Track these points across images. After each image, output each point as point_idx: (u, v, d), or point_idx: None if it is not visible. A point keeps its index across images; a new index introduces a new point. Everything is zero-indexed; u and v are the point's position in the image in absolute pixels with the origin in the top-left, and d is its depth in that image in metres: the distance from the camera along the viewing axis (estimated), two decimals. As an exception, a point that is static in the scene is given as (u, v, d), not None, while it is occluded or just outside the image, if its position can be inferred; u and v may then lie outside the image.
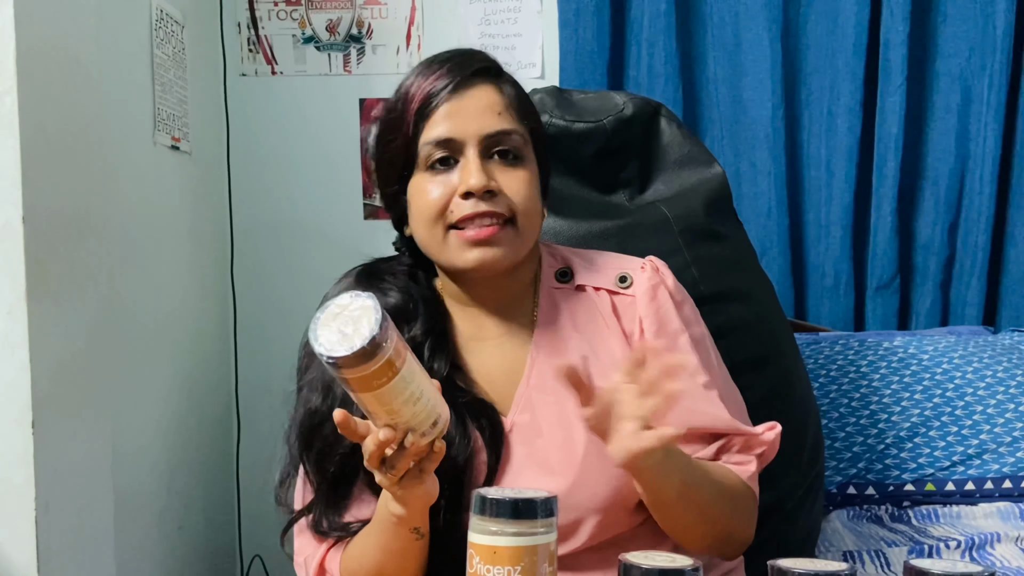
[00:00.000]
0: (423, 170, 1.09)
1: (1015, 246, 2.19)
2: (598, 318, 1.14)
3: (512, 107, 1.10)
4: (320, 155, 2.32)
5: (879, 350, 1.96)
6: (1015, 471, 1.79)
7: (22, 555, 1.28)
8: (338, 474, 1.08)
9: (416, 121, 1.08)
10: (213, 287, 2.27)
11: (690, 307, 1.17)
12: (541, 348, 1.13)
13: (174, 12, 2.04)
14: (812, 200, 2.24)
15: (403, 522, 0.97)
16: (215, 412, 2.25)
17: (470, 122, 1.07)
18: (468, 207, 1.05)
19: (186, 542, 2.04)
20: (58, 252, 1.35)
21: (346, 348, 0.79)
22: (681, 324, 1.13)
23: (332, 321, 0.81)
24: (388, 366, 0.81)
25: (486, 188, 1.05)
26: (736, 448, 1.11)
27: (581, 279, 1.16)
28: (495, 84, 1.10)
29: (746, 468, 1.09)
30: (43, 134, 1.32)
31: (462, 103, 1.07)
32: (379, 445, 0.88)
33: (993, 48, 2.15)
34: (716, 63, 2.23)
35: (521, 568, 0.71)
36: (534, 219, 1.11)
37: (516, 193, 1.07)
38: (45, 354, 1.31)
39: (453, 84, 1.07)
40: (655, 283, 1.14)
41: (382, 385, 0.82)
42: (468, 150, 1.07)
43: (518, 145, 1.09)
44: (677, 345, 1.12)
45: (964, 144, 2.20)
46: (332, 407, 1.07)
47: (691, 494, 1.01)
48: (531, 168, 1.11)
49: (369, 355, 0.80)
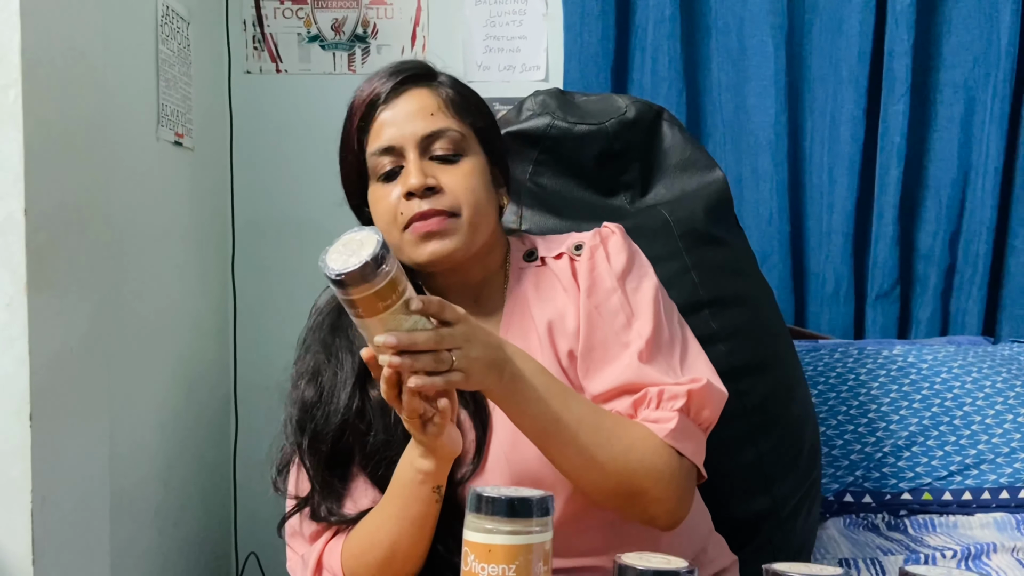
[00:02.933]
0: (375, 180, 1.15)
1: (1016, 257, 2.19)
2: (557, 285, 1.18)
3: (447, 106, 1.14)
4: (322, 154, 2.29)
5: (878, 358, 1.96)
6: (1012, 482, 1.79)
7: (17, 548, 1.28)
8: (331, 456, 1.11)
9: (359, 137, 1.15)
10: (214, 283, 2.27)
11: (637, 265, 1.18)
12: (510, 324, 1.17)
13: (180, 8, 2.04)
14: (813, 207, 2.25)
15: (429, 478, 1.01)
16: (213, 409, 2.25)
17: (405, 126, 1.13)
18: (414, 206, 1.11)
19: (181, 538, 2.03)
20: (59, 246, 1.36)
21: (351, 265, 0.86)
22: (615, 283, 1.15)
23: (339, 248, 0.89)
24: (392, 287, 0.88)
25: (424, 186, 1.10)
26: (653, 403, 1.08)
27: (542, 253, 1.21)
28: (428, 87, 1.16)
29: (663, 426, 1.06)
30: (46, 128, 1.33)
31: (396, 111, 1.14)
32: (392, 368, 0.91)
33: (997, 59, 2.15)
34: (720, 69, 2.24)
35: (516, 567, 0.71)
36: (484, 209, 1.14)
37: (457, 186, 1.12)
38: (44, 347, 1.31)
39: (385, 94, 1.14)
40: (594, 245, 1.18)
41: (387, 308, 0.89)
42: (408, 153, 1.12)
43: (456, 141, 1.14)
44: (608, 304, 1.14)
45: (966, 154, 2.20)
46: (322, 392, 1.13)
47: (562, 433, 1.01)
48: (474, 161, 1.15)
49: (373, 270, 0.87)
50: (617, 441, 1.04)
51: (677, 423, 1.06)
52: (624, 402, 1.09)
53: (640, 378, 1.09)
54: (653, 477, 1.04)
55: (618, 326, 1.13)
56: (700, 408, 1.09)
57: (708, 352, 1.18)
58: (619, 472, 1.03)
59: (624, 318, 1.13)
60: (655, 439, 1.06)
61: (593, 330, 1.13)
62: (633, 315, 1.14)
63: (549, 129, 1.55)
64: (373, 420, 1.11)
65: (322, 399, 1.13)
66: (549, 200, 1.53)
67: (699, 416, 1.09)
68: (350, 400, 1.11)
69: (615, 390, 1.10)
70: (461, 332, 0.94)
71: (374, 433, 1.11)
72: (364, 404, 1.11)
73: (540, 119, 1.56)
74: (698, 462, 1.09)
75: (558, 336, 1.15)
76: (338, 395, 1.12)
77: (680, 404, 1.07)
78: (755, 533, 1.47)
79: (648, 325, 1.12)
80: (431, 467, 1.00)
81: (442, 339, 0.92)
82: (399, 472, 1.05)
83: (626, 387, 1.10)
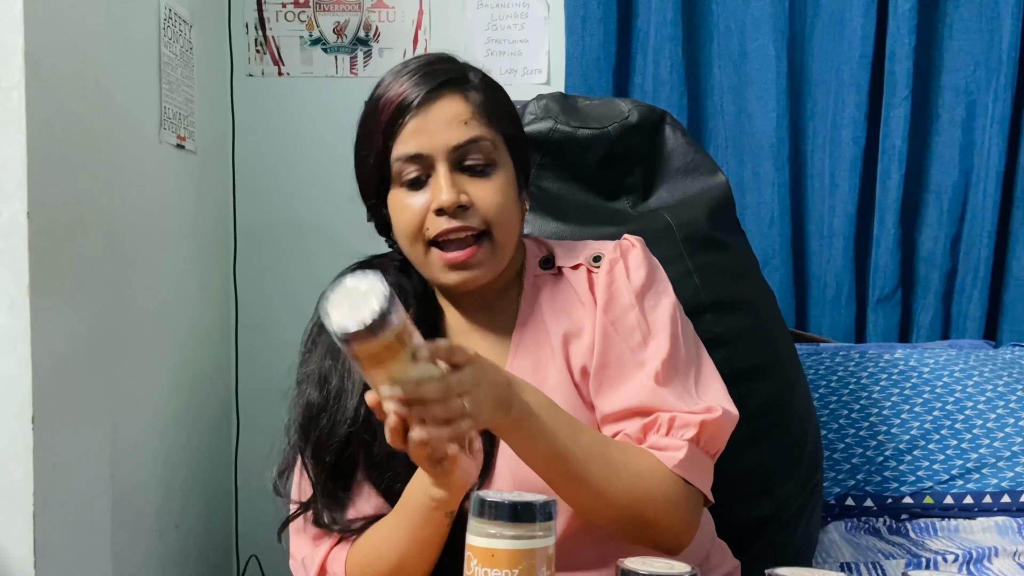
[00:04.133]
0: (398, 185, 1.12)
1: (1017, 260, 2.19)
2: (574, 297, 1.15)
3: (479, 113, 1.11)
4: (324, 157, 2.32)
5: (880, 362, 1.96)
6: (1014, 486, 1.79)
7: (19, 550, 1.28)
8: (335, 465, 1.09)
9: (385, 139, 1.10)
10: (215, 286, 2.27)
11: (656, 281, 1.15)
12: (523, 336, 1.15)
13: (182, 11, 2.05)
14: (815, 211, 2.25)
15: (442, 505, 0.99)
16: (215, 411, 2.25)
17: (437, 136, 1.08)
18: (442, 223, 1.08)
19: (183, 540, 2.03)
20: (62, 248, 1.36)
21: (356, 323, 0.82)
22: (633, 300, 1.12)
23: (342, 299, 0.84)
24: (399, 340, 0.84)
25: (457, 204, 1.07)
26: (663, 429, 1.05)
27: (560, 262, 1.18)
28: (461, 93, 1.11)
29: (672, 455, 1.03)
30: (49, 130, 1.33)
31: (428, 117, 1.09)
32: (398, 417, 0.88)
33: (999, 62, 2.15)
34: (722, 72, 2.24)
35: (519, 571, 0.71)
36: (510, 226, 1.12)
37: (490, 205, 1.09)
38: (47, 349, 1.31)
39: (418, 99, 1.09)
40: (614, 258, 1.15)
41: (393, 358, 0.85)
42: (438, 165, 1.09)
43: (488, 151, 1.10)
44: (625, 321, 1.11)
45: (968, 157, 2.20)
46: (328, 399, 1.11)
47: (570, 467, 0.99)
48: (505, 173, 1.12)
49: (378, 328, 0.82)
50: (625, 473, 1.01)
51: (686, 454, 1.03)
52: (634, 424, 1.07)
53: (654, 401, 1.07)
54: (660, 507, 1.03)
55: (634, 344, 1.10)
56: (711, 438, 1.06)
57: (710, 356, 1.17)
58: (627, 504, 1.02)
59: (640, 336, 1.10)
60: (663, 469, 1.03)
61: (608, 347, 1.10)
62: (650, 334, 1.10)
63: (552, 133, 1.55)
64: (379, 431, 1.09)
65: (328, 406, 1.11)
66: (552, 204, 1.53)
67: (709, 446, 1.07)
68: (356, 411, 1.09)
69: (627, 411, 1.08)
70: (470, 377, 0.89)
71: (379, 444, 1.08)
72: (371, 414, 1.10)
73: (543, 123, 1.56)
74: (705, 490, 1.08)
75: (572, 350, 1.12)
76: (345, 403, 1.10)
77: (691, 434, 1.04)
78: (757, 537, 1.47)
79: (665, 345, 1.09)
80: (444, 496, 0.98)
81: (450, 388, 0.87)
82: (410, 495, 1.02)
83: (638, 409, 1.07)
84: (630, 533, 1.05)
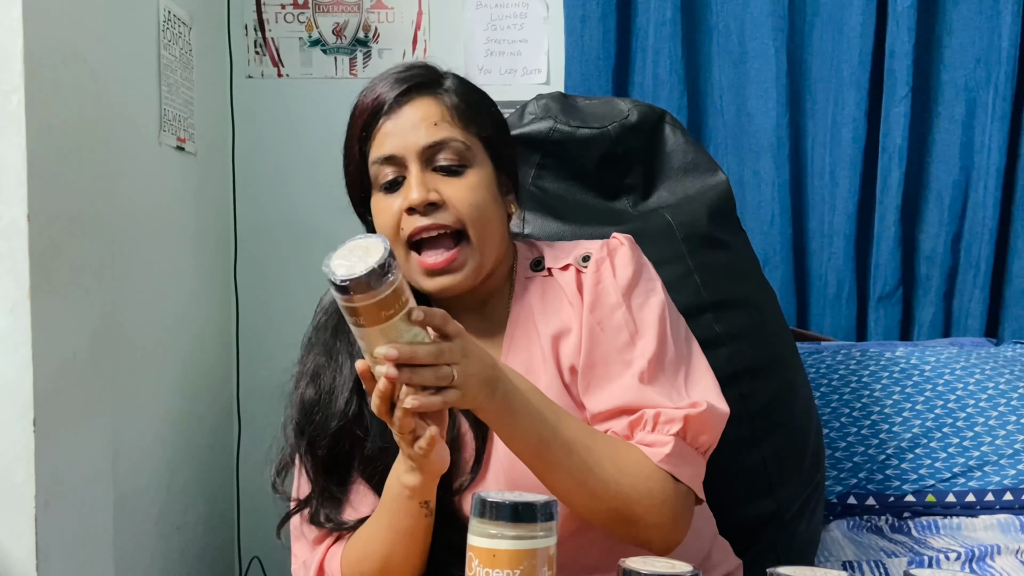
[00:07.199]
0: (377, 190, 1.13)
1: (1019, 258, 2.19)
2: (563, 297, 1.15)
3: (451, 116, 1.11)
4: (324, 158, 2.30)
5: (881, 360, 1.96)
6: (1016, 483, 1.79)
7: (21, 552, 1.28)
8: (328, 460, 1.10)
9: (361, 145, 1.13)
10: (216, 288, 2.27)
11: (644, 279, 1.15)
12: (514, 336, 1.16)
13: (181, 13, 2.05)
14: (815, 209, 2.25)
15: (415, 494, 1.00)
16: (216, 413, 2.25)
17: (407, 136, 1.10)
18: (415, 221, 1.09)
19: (185, 542, 2.03)
20: (62, 251, 1.36)
21: (359, 270, 0.85)
22: (620, 298, 1.12)
23: (345, 253, 0.88)
24: (395, 296, 0.87)
25: (426, 201, 1.08)
26: (649, 426, 1.05)
27: (549, 263, 1.19)
28: (433, 95, 1.12)
29: (658, 450, 1.03)
30: (49, 133, 1.33)
31: (399, 120, 1.10)
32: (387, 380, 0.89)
33: (998, 60, 2.15)
34: (721, 71, 2.24)
35: (520, 572, 0.71)
36: (488, 226, 1.12)
37: (462, 201, 1.09)
38: (48, 352, 1.31)
39: (389, 103, 1.11)
40: (600, 258, 1.15)
41: (389, 317, 0.87)
42: (410, 165, 1.10)
43: (460, 152, 1.10)
44: (611, 320, 1.11)
45: (968, 155, 2.20)
46: (321, 395, 1.12)
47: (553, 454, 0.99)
48: (480, 173, 1.12)
49: (379, 278, 0.85)
50: (610, 464, 1.01)
51: (673, 448, 1.03)
52: (621, 422, 1.07)
53: (640, 400, 1.07)
54: (646, 502, 1.02)
55: (621, 343, 1.10)
56: (697, 433, 1.06)
57: (711, 356, 1.17)
58: (611, 496, 1.01)
59: (627, 335, 1.10)
60: (649, 464, 1.03)
61: (595, 346, 1.11)
62: (637, 332, 1.10)
63: (551, 133, 1.55)
64: (371, 426, 1.10)
65: (321, 401, 1.12)
66: (552, 204, 1.53)
67: (696, 440, 1.06)
68: (347, 405, 1.10)
69: (614, 410, 1.08)
70: (459, 347, 0.91)
71: (371, 440, 1.10)
72: (362, 410, 1.10)
73: (542, 123, 1.56)
74: (695, 486, 1.07)
75: (562, 350, 1.13)
76: (336, 399, 1.11)
77: (676, 429, 1.04)
78: (759, 536, 1.47)
79: (652, 344, 1.09)
80: (417, 482, 0.98)
81: (442, 353, 0.90)
82: (388, 485, 1.04)
83: (624, 408, 1.07)
84: (617, 529, 1.05)
